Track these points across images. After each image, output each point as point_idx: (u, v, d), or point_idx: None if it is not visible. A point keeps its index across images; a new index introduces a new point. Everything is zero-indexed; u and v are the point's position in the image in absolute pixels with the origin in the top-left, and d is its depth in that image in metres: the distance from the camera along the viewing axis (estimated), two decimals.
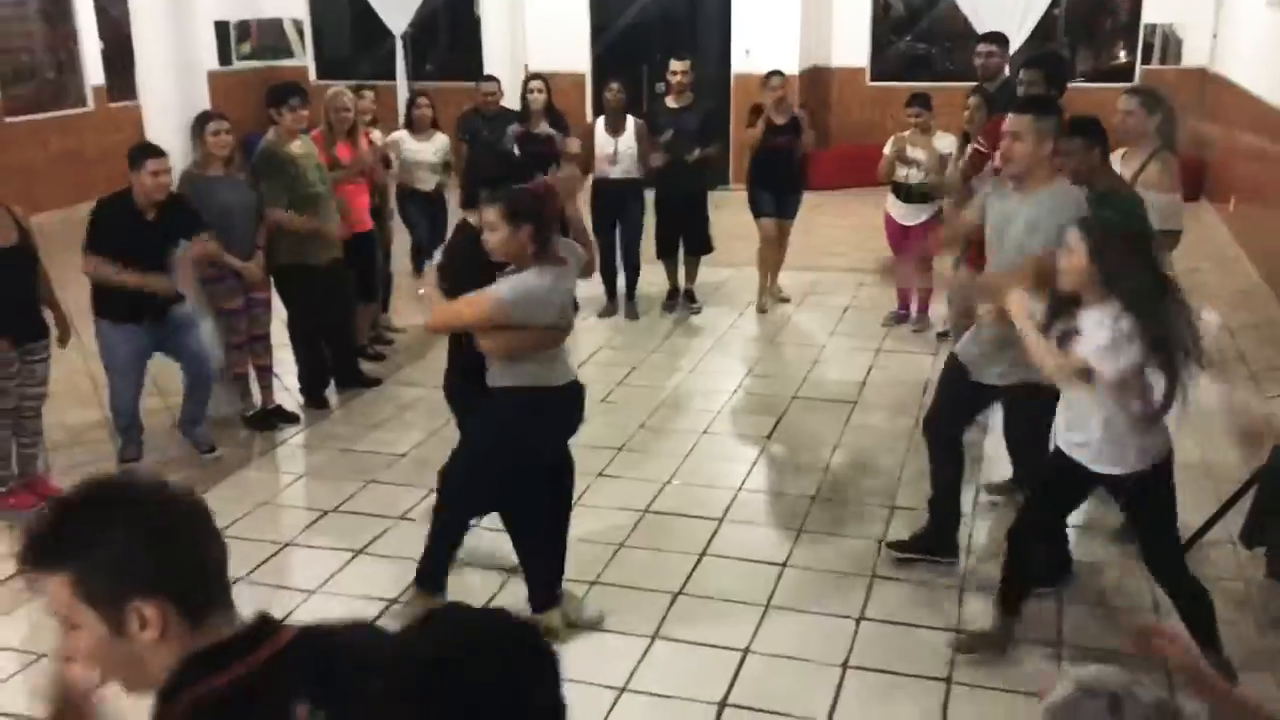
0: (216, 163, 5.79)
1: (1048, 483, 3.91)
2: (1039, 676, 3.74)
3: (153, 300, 5.37)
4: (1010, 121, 4.08)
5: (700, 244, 8.28)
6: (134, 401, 5.60)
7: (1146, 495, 3.64)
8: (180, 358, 5.62)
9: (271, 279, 6.24)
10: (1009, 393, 4.31)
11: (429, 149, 7.68)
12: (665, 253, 8.33)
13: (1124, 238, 3.49)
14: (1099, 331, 3.39)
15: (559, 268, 3.87)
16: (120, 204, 5.28)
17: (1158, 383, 3.40)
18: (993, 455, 5.41)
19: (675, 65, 7.97)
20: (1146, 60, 12.80)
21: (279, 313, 6.48)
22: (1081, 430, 3.60)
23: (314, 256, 6.23)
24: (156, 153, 5.31)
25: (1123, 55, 13.25)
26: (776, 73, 7.95)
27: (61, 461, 5.71)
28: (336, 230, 6.30)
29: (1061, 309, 3.56)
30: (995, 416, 5.11)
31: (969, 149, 6.06)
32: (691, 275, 8.45)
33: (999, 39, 6.88)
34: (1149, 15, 12.63)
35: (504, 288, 3.77)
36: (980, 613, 4.19)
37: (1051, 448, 3.91)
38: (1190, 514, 4.20)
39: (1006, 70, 6.92)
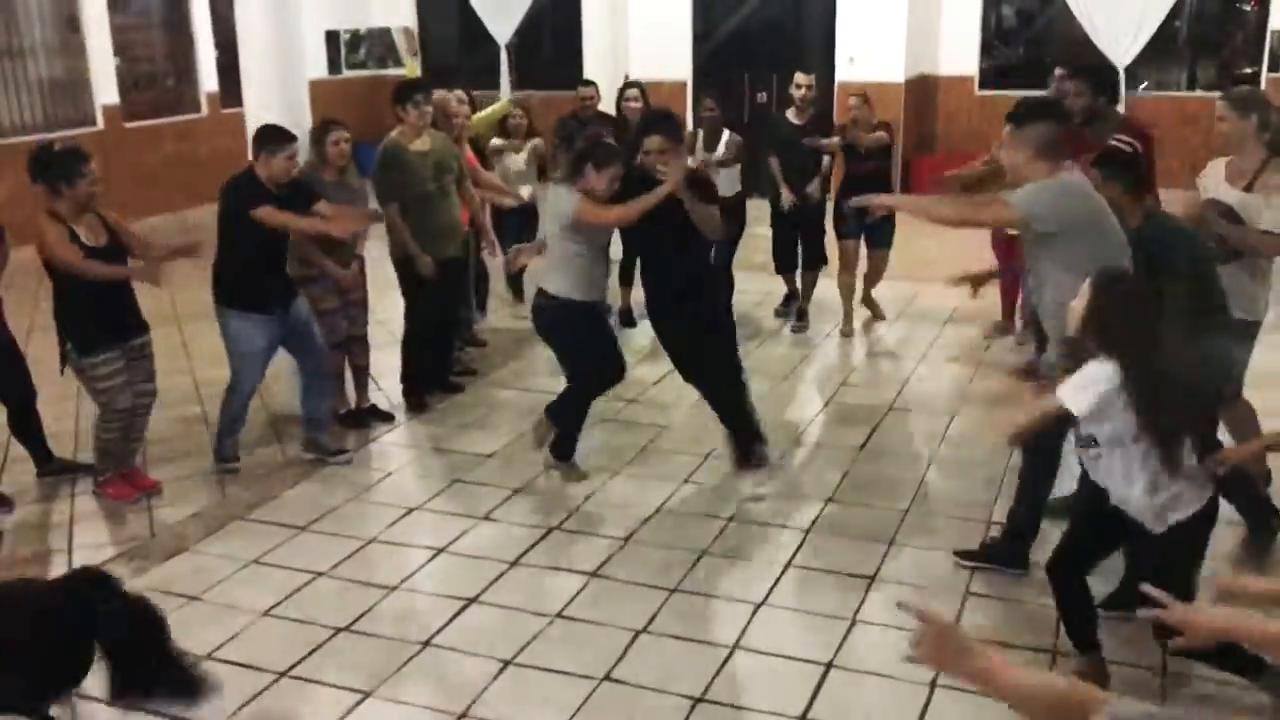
0: (331, 169, 5.87)
1: (1086, 519, 3.75)
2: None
3: (280, 291, 5.49)
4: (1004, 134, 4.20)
5: (815, 258, 8.06)
6: (252, 392, 5.69)
7: (1157, 556, 3.46)
8: (300, 351, 5.67)
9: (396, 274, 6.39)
10: None
11: (521, 159, 7.74)
12: (784, 268, 8.16)
13: (1127, 295, 3.39)
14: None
15: None
16: (249, 182, 5.37)
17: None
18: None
19: (800, 79, 7.77)
20: (1274, 69, 12.26)
21: (376, 313, 6.54)
22: (1109, 479, 3.48)
23: (434, 250, 6.25)
24: (291, 138, 5.41)
25: (1249, 67, 12.73)
26: (857, 93, 7.73)
27: (159, 454, 5.84)
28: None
29: (1077, 356, 3.45)
30: None
31: None
32: (808, 293, 8.17)
33: (1086, 73, 6.43)
34: (1276, 21, 12.09)
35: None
36: None
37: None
38: None
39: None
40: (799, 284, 8.17)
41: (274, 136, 5.38)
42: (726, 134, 7.80)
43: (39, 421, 5.58)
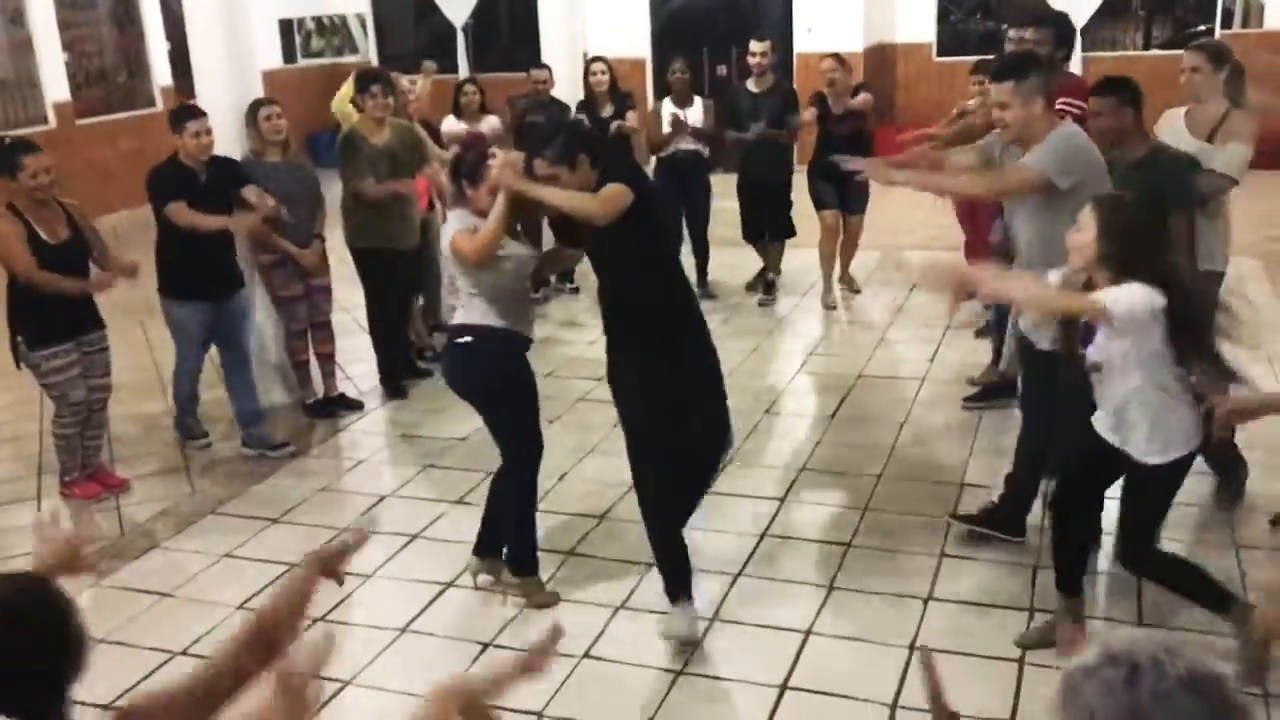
0: (273, 149, 5.80)
1: (1084, 457, 3.72)
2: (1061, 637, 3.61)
3: (220, 279, 5.50)
4: (995, 91, 4.03)
5: (782, 228, 8.03)
6: (197, 372, 5.73)
7: (1149, 486, 3.48)
8: (224, 342, 5.66)
9: (354, 261, 6.37)
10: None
11: (481, 131, 7.64)
12: (751, 236, 8.13)
13: (1138, 216, 3.34)
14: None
15: None
16: (172, 168, 5.38)
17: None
18: None
19: (755, 46, 7.71)
20: (1227, 26, 12.34)
21: (342, 301, 6.49)
22: (1108, 413, 3.47)
23: (393, 241, 6.22)
24: (196, 113, 5.43)
25: (1203, 24, 12.80)
26: (831, 56, 7.66)
27: (126, 452, 5.77)
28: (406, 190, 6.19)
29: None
30: None
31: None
32: (775, 263, 8.15)
33: (1049, 22, 6.30)
34: None
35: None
36: (1055, 590, 4.00)
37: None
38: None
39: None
40: (767, 255, 8.16)
41: (177, 114, 5.48)
42: (699, 98, 7.74)
43: None
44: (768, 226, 8.04)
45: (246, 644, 1.92)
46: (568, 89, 8.50)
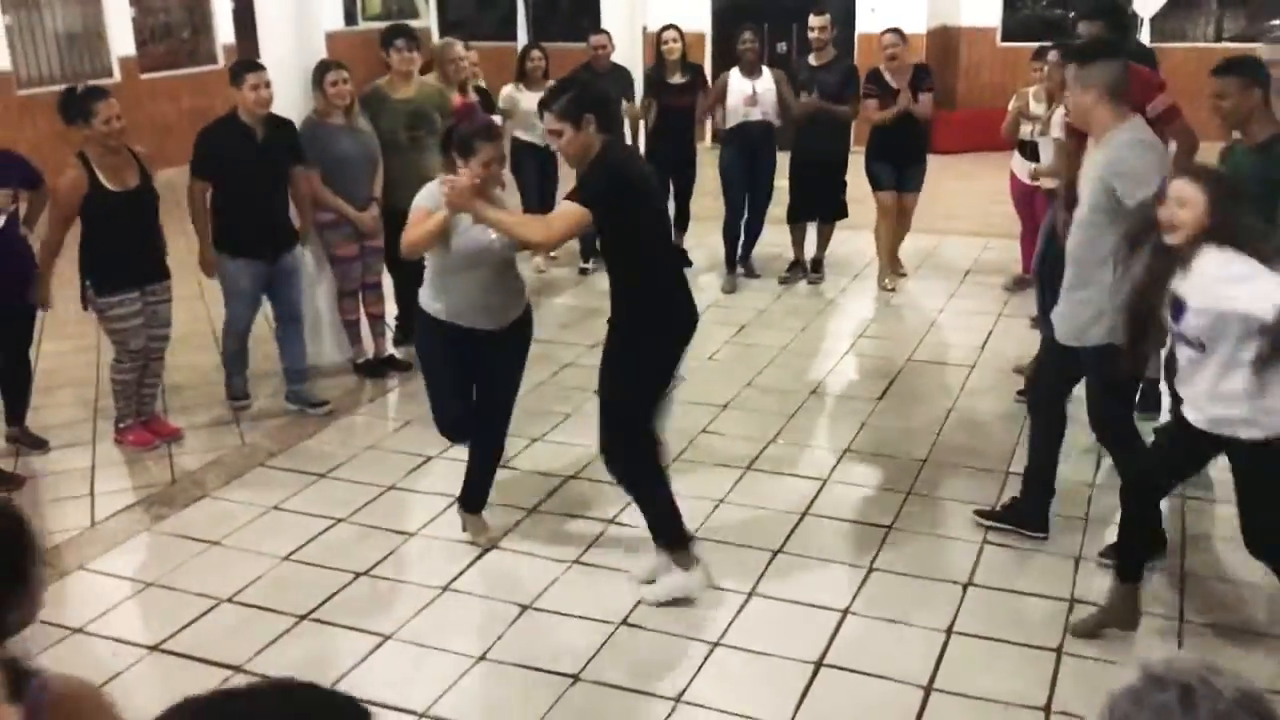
0: (336, 112, 5.85)
1: (1165, 444, 3.69)
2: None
3: (274, 237, 5.55)
4: (1065, 74, 3.98)
5: (835, 209, 7.91)
6: (246, 329, 5.77)
7: (1262, 466, 3.35)
8: (276, 298, 5.72)
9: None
10: (1089, 354, 3.99)
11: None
12: (796, 218, 7.99)
13: (1241, 191, 3.29)
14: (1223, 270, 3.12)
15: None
16: (227, 125, 5.44)
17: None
18: None
19: (814, 21, 7.65)
20: None
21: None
22: (1206, 397, 3.34)
23: (397, 202, 6.22)
24: (254, 67, 5.46)
25: (1277, 18, 12.51)
26: (890, 30, 7.55)
27: (179, 403, 5.88)
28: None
29: (1164, 270, 3.28)
30: None
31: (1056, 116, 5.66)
32: (824, 243, 8.07)
33: (1102, 14, 6.06)
34: None
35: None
36: (1097, 583, 3.98)
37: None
38: None
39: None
40: (816, 236, 8.08)
41: (236, 68, 5.52)
42: (767, 71, 7.68)
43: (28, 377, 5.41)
44: (819, 208, 7.94)
45: None
46: (626, 61, 8.44)
